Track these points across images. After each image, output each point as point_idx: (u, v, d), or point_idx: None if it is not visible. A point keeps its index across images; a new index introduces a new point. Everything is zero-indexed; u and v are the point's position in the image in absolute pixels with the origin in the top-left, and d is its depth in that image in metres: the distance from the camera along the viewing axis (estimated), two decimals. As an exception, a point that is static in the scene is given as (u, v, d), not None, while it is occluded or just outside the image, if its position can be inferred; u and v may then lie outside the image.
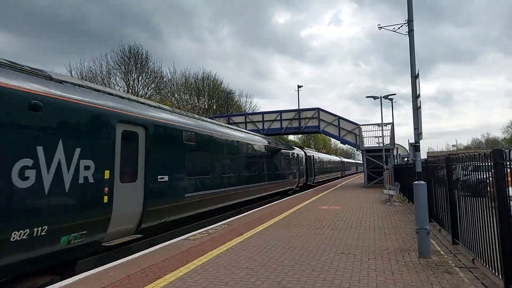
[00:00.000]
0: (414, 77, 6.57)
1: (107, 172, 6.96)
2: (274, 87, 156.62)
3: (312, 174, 31.52)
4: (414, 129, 6.59)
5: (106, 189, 6.90)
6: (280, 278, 5.21)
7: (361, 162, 30.02)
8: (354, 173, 72.22)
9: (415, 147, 6.60)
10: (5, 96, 5.21)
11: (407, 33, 6.85)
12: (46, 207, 5.67)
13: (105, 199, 6.86)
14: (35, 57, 59.93)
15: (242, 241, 7.88)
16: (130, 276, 5.42)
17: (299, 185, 27.12)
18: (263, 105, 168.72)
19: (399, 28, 7.06)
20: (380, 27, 7.61)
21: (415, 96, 6.65)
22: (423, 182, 6.42)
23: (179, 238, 8.33)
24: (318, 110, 28.60)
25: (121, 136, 7.56)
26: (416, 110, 6.57)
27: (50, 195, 5.71)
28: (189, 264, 6.04)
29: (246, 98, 54.71)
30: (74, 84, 6.92)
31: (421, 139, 6.59)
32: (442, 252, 6.53)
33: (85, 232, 6.39)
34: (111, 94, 7.97)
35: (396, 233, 8.44)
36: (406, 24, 6.89)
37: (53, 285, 5.20)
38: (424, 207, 6.28)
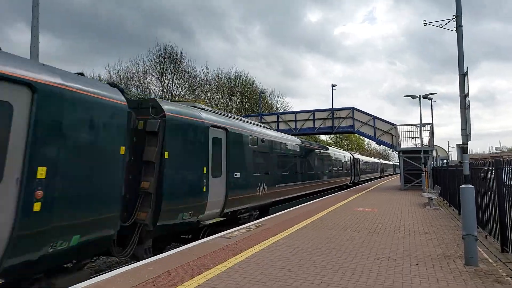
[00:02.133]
0: (463, 75, 6.24)
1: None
2: (305, 86, 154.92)
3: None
4: (462, 129, 6.25)
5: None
6: (318, 280, 5.12)
7: (398, 163, 29.59)
8: (392, 174, 75.62)
9: (463, 148, 6.25)
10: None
11: (455, 28, 6.52)
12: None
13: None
14: (76, 58, 62.80)
15: (277, 241, 7.83)
16: (170, 272, 5.52)
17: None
18: (294, 104, 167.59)
19: (446, 24, 6.71)
20: (426, 23, 7.28)
21: (463, 95, 6.31)
22: (471, 185, 6.09)
23: (214, 236, 8.41)
24: (353, 109, 28.00)
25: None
26: (465, 110, 6.23)
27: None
28: (226, 262, 6.07)
29: (278, 98, 54.63)
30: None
31: (470, 140, 6.24)
32: (490, 260, 6.17)
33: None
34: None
35: (438, 238, 8.08)
36: (454, 20, 6.56)
37: (97, 277, 5.40)
38: (472, 212, 5.95)
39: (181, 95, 40.14)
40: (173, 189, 7.90)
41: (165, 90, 39.20)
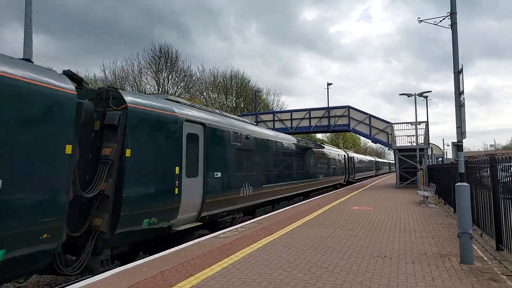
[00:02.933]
0: (458, 73, 6.21)
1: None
2: (302, 84, 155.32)
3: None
4: (457, 127, 6.23)
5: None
6: (314, 280, 5.08)
7: (394, 161, 29.82)
8: (387, 172, 76.10)
9: (458, 146, 6.24)
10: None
11: (449, 26, 6.49)
12: None
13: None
14: (71, 57, 62.38)
15: (273, 240, 7.78)
16: (164, 272, 5.46)
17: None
18: (291, 102, 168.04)
19: (440, 21, 6.69)
20: (420, 21, 7.26)
21: (458, 92, 6.29)
22: (466, 183, 6.07)
23: (209, 236, 8.35)
24: (348, 108, 28.02)
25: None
26: (460, 108, 6.21)
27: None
28: (221, 262, 6.01)
29: (274, 96, 54.53)
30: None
31: (465, 138, 6.22)
32: (485, 258, 6.16)
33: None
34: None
35: (433, 236, 8.07)
36: (449, 17, 6.54)
37: (89, 278, 5.32)
38: (467, 210, 5.94)
39: (176, 94, 39.99)
40: (135, 191, 6.96)
41: (160, 89, 39.02)
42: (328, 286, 4.83)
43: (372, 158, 60.92)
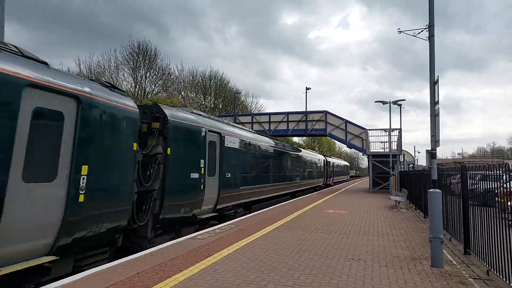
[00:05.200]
0: (433, 83, 6.47)
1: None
2: (280, 88, 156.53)
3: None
4: (431, 136, 6.48)
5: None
6: (291, 282, 5.14)
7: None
8: (356, 176, 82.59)
9: (432, 154, 6.49)
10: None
11: (427, 38, 6.75)
12: None
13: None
14: (45, 50, 60.16)
15: (250, 242, 7.81)
16: (140, 274, 5.37)
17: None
18: (269, 105, 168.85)
19: (419, 33, 6.95)
20: (400, 31, 7.52)
21: (434, 102, 6.54)
22: (438, 190, 6.32)
23: (187, 237, 8.28)
24: (326, 113, 28.49)
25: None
26: (434, 117, 6.47)
27: None
28: (198, 264, 5.97)
29: (253, 99, 54.70)
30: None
31: (438, 146, 6.48)
32: (454, 262, 6.43)
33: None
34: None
35: (405, 240, 8.33)
36: (427, 29, 6.80)
37: (63, 279, 5.15)
38: (439, 215, 6.18)
39: (154, 92, 39.36)
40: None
41: (137, 87, 38.32)
42: (305, 288, 4.90)
43: (346, 163, 66.13)
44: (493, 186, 5.69)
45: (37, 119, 5.20)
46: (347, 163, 67.94)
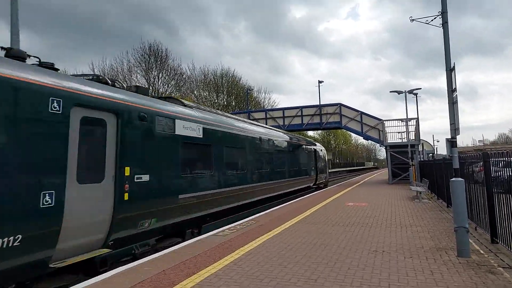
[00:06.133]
0: (450, 71, 6.33)
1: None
2: (291, 82, 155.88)
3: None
4: (451, 124, 6.35)
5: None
6: (315, 275, 5.14)
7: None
8: (374, 168, 77.33)
9: (452, 142, 6.37)
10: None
11: (441, 25, 6.60)
12: None
13: None
14: (59, 56, 61.39)
15: (271, 237, 7.83)
16: (166, 271, 5.47)
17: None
18: (281, 100, 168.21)
19: (432, 20, 6.79)
20: (412, 20, 7.37)
21: (451, 90, 6.41)
22: (461, 179, 6.19)
23: (208, 234, 8.36)
24: (340, 105, 28.21)
25: None
26: (453, 105, 6.33)
27: None
28: (222, 260, 6.04)
29: (265, 94, 54.70)
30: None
31: (458, 134, 6.34)
32: (481, 251, 6.30)
33: None
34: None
35: (429, 231, 8.21)
36: (440, 16, 6.64)
37: (91, 279, 5.29)
38: (462, 205, 6.06)
39: (167, 92, 39.72)
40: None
41: (151, 88, 38.73)
42: (330, 281, 4.89)
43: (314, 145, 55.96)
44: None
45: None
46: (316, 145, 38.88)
